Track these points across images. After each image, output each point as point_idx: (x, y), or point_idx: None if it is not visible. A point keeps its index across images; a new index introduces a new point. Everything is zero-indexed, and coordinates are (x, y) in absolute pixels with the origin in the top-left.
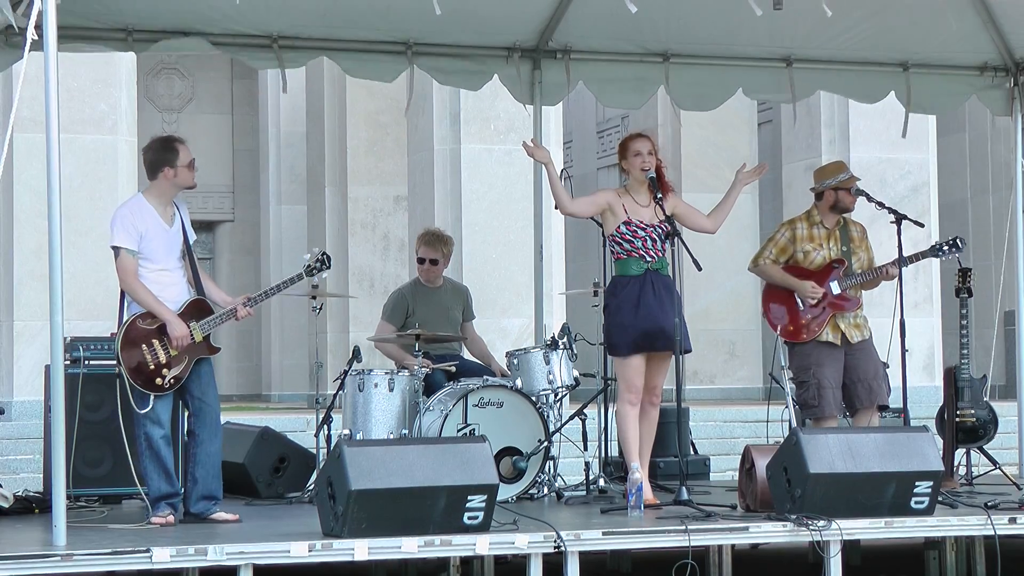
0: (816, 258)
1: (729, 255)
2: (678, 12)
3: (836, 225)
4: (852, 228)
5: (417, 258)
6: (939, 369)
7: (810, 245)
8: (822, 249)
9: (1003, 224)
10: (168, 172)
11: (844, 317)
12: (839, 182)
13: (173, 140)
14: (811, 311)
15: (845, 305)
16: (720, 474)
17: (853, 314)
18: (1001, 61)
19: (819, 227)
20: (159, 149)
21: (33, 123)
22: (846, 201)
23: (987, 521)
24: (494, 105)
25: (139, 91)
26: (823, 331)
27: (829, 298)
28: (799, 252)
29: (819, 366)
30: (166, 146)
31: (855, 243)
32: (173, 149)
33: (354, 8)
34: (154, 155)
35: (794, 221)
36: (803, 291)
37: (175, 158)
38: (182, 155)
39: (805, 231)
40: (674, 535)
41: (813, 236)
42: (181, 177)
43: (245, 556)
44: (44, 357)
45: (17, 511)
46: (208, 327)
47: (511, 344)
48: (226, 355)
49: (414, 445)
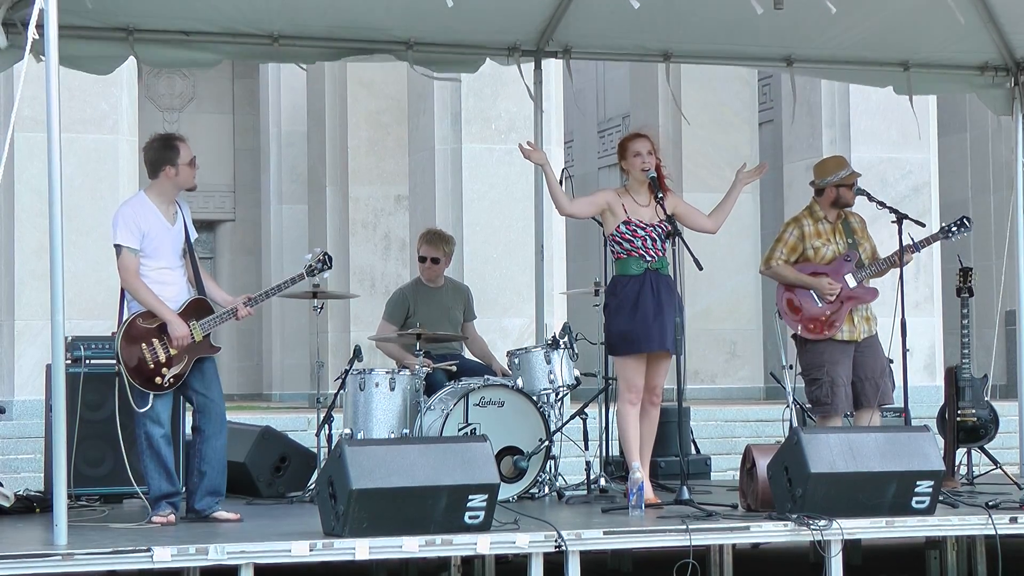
0: (826, 253)
1: (730, 255)
2: (678, 11)
3: (838, 219)
4: (853, 220)
5: (419, 257)
6: (940, 369)
7: (819, 241)
8: (830, 244)
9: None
10: (169, 171)
11: (859, 310)
12: (840, 179)
13: (173, 138)
14: (830, 307)
15: (864, 296)
16: (721, 474)
17: (866, 307)
18: (1001, 60)
19: (823, 222)
20: (160, 148)
21: (34, 122)
22: (847, 197)
23: (988, 521)
24: (495, 105)
25: (140, 91)
26: (841, 327)
27: (846, 291)
28: (809, 249)
29: (832, 364)
30: (167, 144)
31: (858, 234)
32: (174, 147)
33: (355, 7)
34: (155, 154)
35: (799, 219)
36: (821, 288)
37: (176, 156)
38: (183, 153)
39: (812, 227)
40: (675, 535)
41: (820, 232)
42: (182, 175)
43: (246, 555)
44: (45, 356)
45: (18, 510)
46: (208, 326)
47: (512, 344)
48: (227, 354)
49: (415, 444)
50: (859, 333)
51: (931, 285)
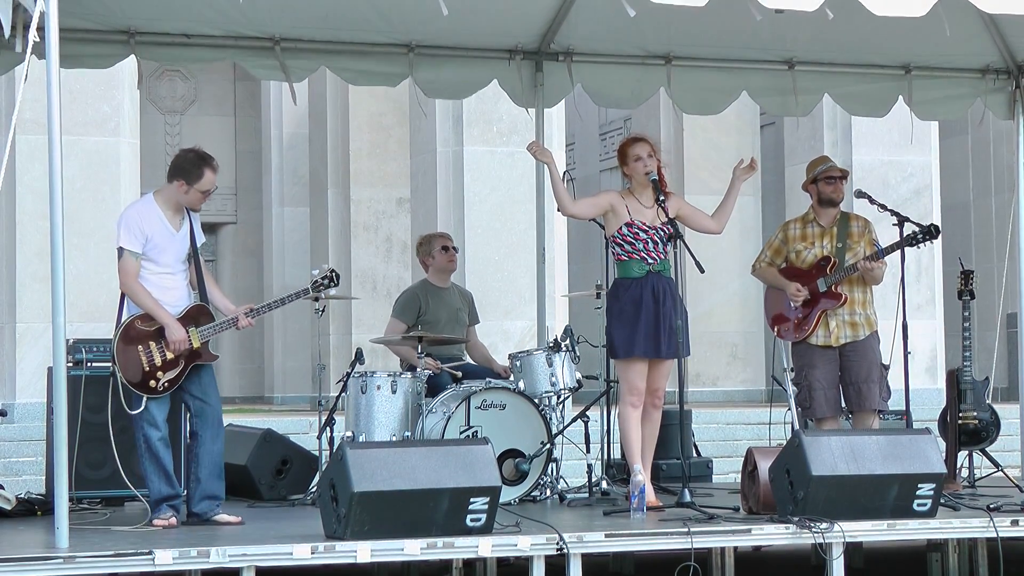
0: (807, 256)
1: (732, 257)
2: (680, 15)
3: (833, 222)
4: (853, 223)
5: (440, 249)
6: (942, 371)
7: (801, 244)
8: (813, 247)
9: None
10: (181, 186)
11: (836, 315)
12: (818, 173)
13: (205, 163)
14: (800, 310)
15: (831, 302)
16: (723, 476)
17: (849, 311)
18: (1003, 64)
19: (813, 225)
20: (190, 161)
21: (35, 125)
22: (827, 192)
23: (989, 523)
24: (496, 107)
25: (142, 93)
26: (815, 331)
27: (817, 296)
28: (791, 252)
29: (810, 367)
30: (196, 163)
31: (853, 238)
32: (200, 170)
33: (356, 10)
34: (181, 163)
35: (788, 222)
36: (789, 291)
37: (197, 179)
38: (205, 180)
39: (798, 231)
40: (676, 537)
41: (806, 235)
42: (191, 197)
43: (248, 558)
44: (46, 359)
45: (19, 513)
46: (207, 334)
47: (513, 346)
48: (228, 357)
49: (417, 447)
50: (837, 338)
51: (932, 288)
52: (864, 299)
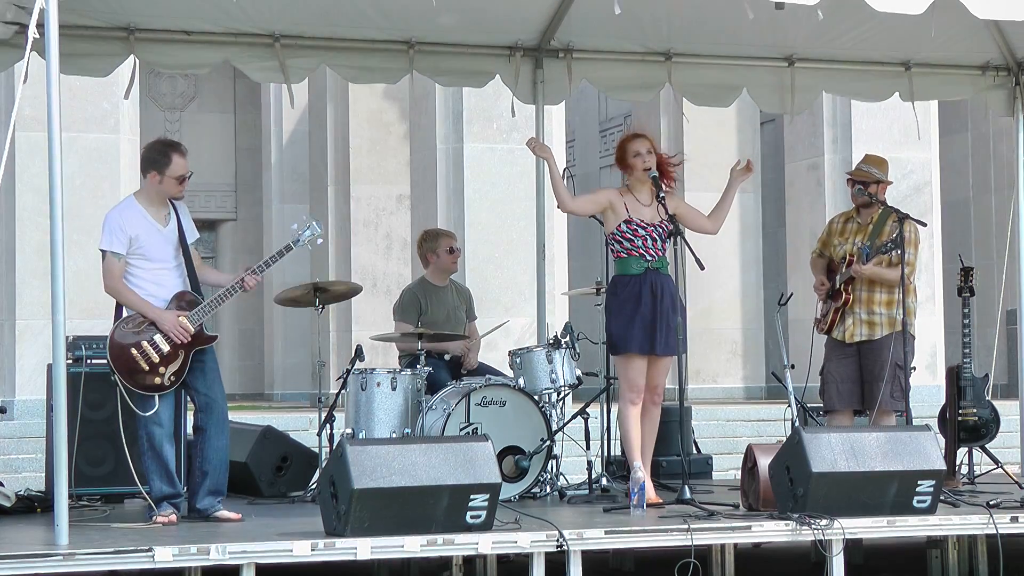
0: (840, 252)
1: (732, 254)
2: (680, 11)
3: (870, 220)
4: (888, 223)
5: (447, 250)
6: (941, 368)
7: (838, 239)
8: (845, 244)
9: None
10: (153, 177)
11: (853, 312)
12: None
13: (172, 149)
14: (824, 305)
15: (839, 300)
16: (722, 473)
17: (866, 311)
18: (1003, 60)
19: (853, 221)
20: (157, 150)
21: (35, 122)
22: (852, 192)
23: (989, 520)
24: (496, 104)
25: (141, 90)
26: (834, 327)
27: (834, 293)
28: (831, 246)
29: (828, 360)
30: (162, 151)
31: (883, 237)
32: (167, 156)
33: (356, 7)
34: (147, 155)
35: (835, 217)
36: (814, 284)
37: (165, 166)
38: (174, 166)
39: (839, 226)
40: (677, 534)
41: (844, 230)
42: (166, 186)
43: (247, 555)
44: (46, 356)
45: (19, 510)
46: (199, 316)
47: (514, 343)
48: (228, 354)
49: (417, 444)
50: (852, 335)
51: (932, 284)
52: (888, 299)
